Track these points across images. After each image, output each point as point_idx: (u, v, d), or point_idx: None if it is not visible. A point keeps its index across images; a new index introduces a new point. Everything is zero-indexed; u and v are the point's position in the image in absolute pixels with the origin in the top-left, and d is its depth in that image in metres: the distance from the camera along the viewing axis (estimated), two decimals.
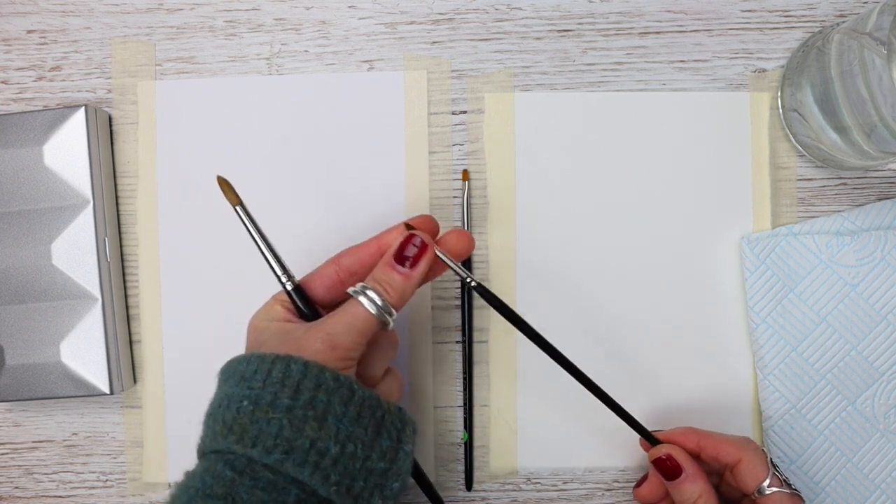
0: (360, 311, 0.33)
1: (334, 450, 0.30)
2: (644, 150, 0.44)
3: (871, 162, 0.40)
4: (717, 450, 0.38)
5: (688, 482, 0.37)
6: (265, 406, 0.30)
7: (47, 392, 0.42)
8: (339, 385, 0.31)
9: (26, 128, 0.42)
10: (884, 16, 0.34)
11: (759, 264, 0.42)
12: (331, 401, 0.31)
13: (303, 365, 0.31)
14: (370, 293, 0.34)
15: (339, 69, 0.44)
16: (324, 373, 0.31)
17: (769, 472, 0.37)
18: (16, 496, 0.45)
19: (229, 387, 0.32)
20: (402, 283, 0.34)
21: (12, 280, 0.42)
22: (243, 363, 0.32)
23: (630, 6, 0.44)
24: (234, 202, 0.35)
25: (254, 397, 0.31)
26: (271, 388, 0.31)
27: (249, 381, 0.31)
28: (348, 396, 0.32)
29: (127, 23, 0.45)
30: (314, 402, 0.31)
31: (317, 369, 0.31)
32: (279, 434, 0.30)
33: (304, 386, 0.31)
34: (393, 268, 0.35)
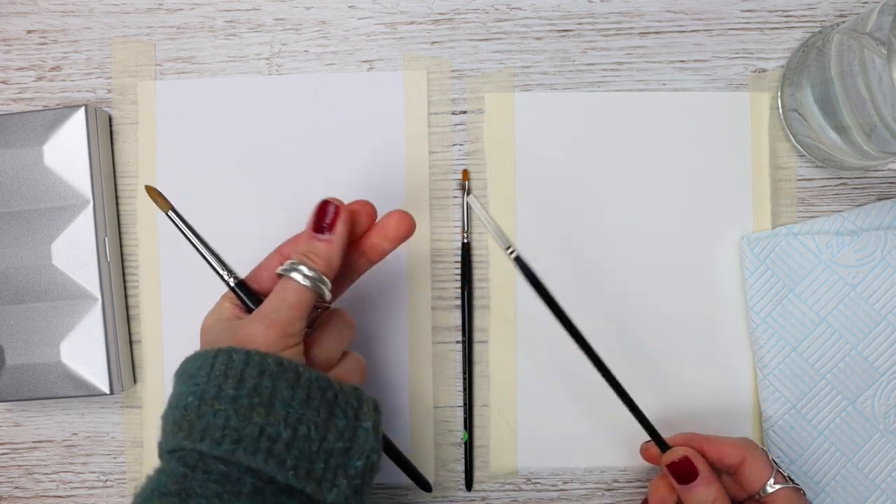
0: (290, 284, 0.33)
1: (286, 434, 0.30)
2: (644, 150, 0.44)
3: (871, 162, 0.40)
4: (720, 452, 0.38)
5: (701, 485, 0.36)
6: (210, 399, 0.30)
7: (47, 392, 0.42)
8: (284, 369, 0.31)
9: (26, 128, 0.42)
10: (884, 16, 0.34)
11: (759, 264, 0.42)
12: (276, 385, 0.31)
13: (244, 354, 0.31)
14: (297, 266, 0.34)
15: (339, 69, 0.44)
16: (266, 359, 0.31)
17: (773, 470, 0.37)
18: (16, 496, 0.45)
19: (178, 387, 0.32)
20: (326, 249, 0.34)
21: (12, 280, 0.42)
22: (190, 362, 0.33)
23: (630, 6, 0.44)
24: (165, 208, 0.36)
25: (199, 392, 0.31)
26: (215, 381, 0.31)
27: (195, 378, 0.31)
28: (294, 380, 0.31)
29: (127, 23, 0.45)
30: (259, 389, 0.31)
31: (258, 356, 0.31)
32: (226, 425, 0.30)
33: (248, 374, 0.31)
34: (312, 237, 0.35)
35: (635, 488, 0.44)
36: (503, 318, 0.44)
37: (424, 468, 0.44)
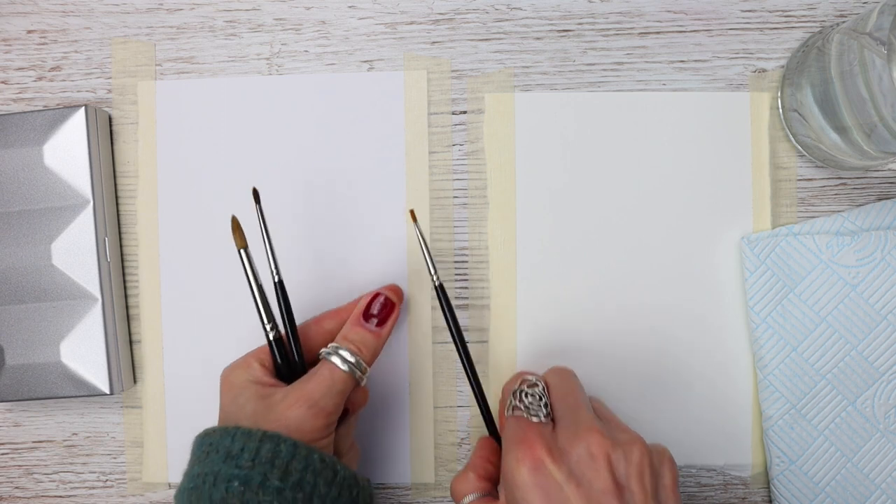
0: (338, 372, 0.34)
1: None
2: (644, 150, 0.44)
3: (871, 162, 0.40)
4: None
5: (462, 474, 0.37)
6: (255, 487, 0.31)
7: (47, 392, 0.42)
8: (325, 466, 0.32)
9: (26, 128, 0.42)
10: (884, 16, 0.34)
11: (759, 264, 0.42)
12: (317, 482, 0.32)
13: (292, 445, 0.32)
14: (343, 353, 0.35)
15: (339, 69, 0.44)
16: (312, 454, 0.32)
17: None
18: (16, 496, 0.45)
19: (213, 463, 0.32)
20: (374, 341, 0.36)
21: (12, 280, 0.42)
22: (227, 438, 0.32)
23: (630, 6, 0.44)
24: (240, 245, 0.37)
25: (244, 477, 0.31)
26: (261, 468, 0.31)
27: (237, 459, 0.31)
28: (331, 477, 0.33)
29: (127, 23, 0.45)
30: (302, 484, 0.31)
31: (305, 450, 0.32)
32: None
33: (293, 467, 0.31)
34: (362, 326, 0.36)
35: None
36: (503, 318, 0.44)
37: (424, 468, 0.44)
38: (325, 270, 0.44)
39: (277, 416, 0.33)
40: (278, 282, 0.37)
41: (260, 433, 0.32)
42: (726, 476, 0.44)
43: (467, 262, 0.44)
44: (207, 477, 0.32)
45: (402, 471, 0.44)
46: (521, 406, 0.35)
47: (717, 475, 0.44)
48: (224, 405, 0.36)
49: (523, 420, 0.34)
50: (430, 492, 0.44)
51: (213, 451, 0.32)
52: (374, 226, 0.44)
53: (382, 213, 0.44)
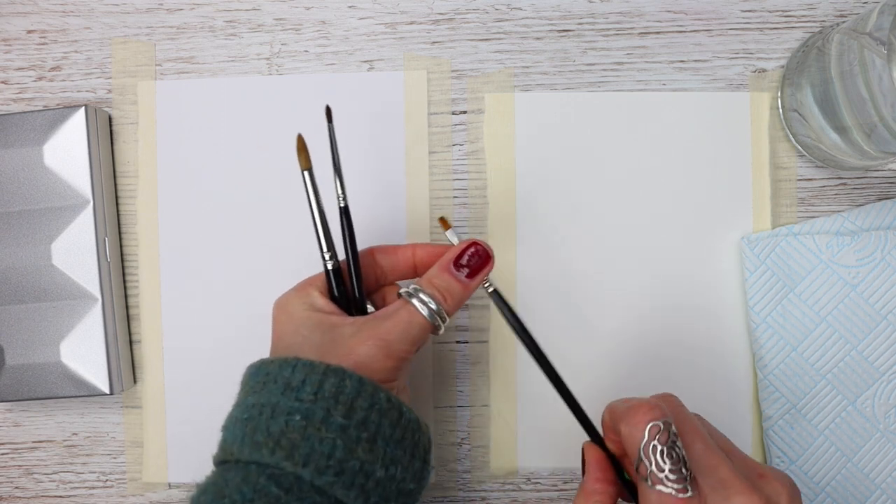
0: (418, 317, 0.32)
1: (380, 472, 0.30)
2: (644, 150, 0.44)
3: (871, 162, 0.40)
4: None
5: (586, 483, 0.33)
6: (318, 422, 0.29)
7: (47, 392, 0.42)
8: (391, 406, 0.30)
9: (26, 128, 0.42)
10: (884, 16, 0.34)
11: (759, 264, 0.42)
12: (381, 422, 0.30)
13: (357, 381, 0.30)
14: (424, 297, 0.32)
15: (339, 69, 0.44)
16: (378, 393, 0.30)
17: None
18: (16, 496, 0.45)
19: (271, 393, 0.30)
20: (461, 291, 0.33)
21: (12, 280, 0.42)
22: (287, 368, 0.30)
23: (630, 6, 0.44)
24: (304, 166, 0.34)
25: (305, 411, 0.29)
26: (323, 402, 0.29)
27: (298, 392, 0.29)
28: (397, 418, 0.31)
29: (127, 23, 0.45)
30: (367, 423, 0.30)
31: (371, 387, 0.30)
32: (332, 454, 0.29)
33: (359, 405, 0.30)
34: (452, 274, 0.33)
35: None
36: (503, 319, 0.44)
37: None
38: None
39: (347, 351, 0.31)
40: (343, 208, 0.35)
41: (323, 366, 0.30)
42: None
43: None
44: (265, 408, 0.30)
45: None
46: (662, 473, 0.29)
47: None
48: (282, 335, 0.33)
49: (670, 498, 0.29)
50: (430, 492, 0.44)
51: (272, 381, 0.30)
52: (374, 226, 0.44)
53: (382, 213, 0.44)
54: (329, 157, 0.36)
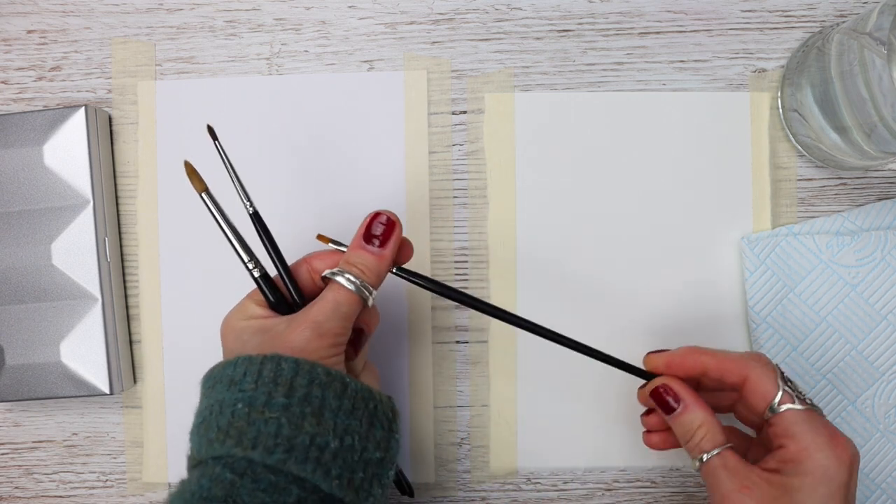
0: (343, 293, 0.33)
1: (334, 444, 0.30)
2: (644, 150, 0.44)
3: (871, 162, 0.40)
4: (721, 370, 0.35)
5: (685, 413, 0.34)
6: (260, 406, 0.30)
7: (47, 392, 0.42)
8: (332, 379, 0.31)
9: (26, 128, 0.42)
10: (884, 16, 0.34)
11: (759, 264, 0.42)
12: (325, 395, 0.31)
13: (293, 362, 0.31)
14: (347, 275, 0.33)
15: (339, 69, 0.44)
16: (315, 368, 0.31)
17: (779, 389, 0.33)
18: (16, 496, 0.45)
19: (218, 393, 0.31)
20: (376, 263, 0.34)
21: (12, 280, 0.42)
22: (230, 367, 0.32)
23: (630, 6, 0.44)
24: (199, 189, 0.35)
25: (247, 399, 0.30)
26: (264, 387, 0.30)
27: (240, 384, 0.31)
28: (341, 389, 0.31)
29: (127, 23, 0.45)
30: (310, 398, 0.30)
31: (308, 365, 0.31)
32: (278, 433, 0.30)
33: (298, 383, 0.30)
34: (364, 248, 0.34)
35: (635, 488, 0.44)
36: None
37: (424, 468, 0.44)
38: None
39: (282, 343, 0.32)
40: (253, 213, 0.36)
41: (261, 357, 0.31)
42: None
43: (467, 262, 0.44)
44: (213, 407, 0.31)
45: None
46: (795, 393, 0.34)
47: None
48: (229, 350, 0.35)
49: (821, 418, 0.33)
50: (430, 492, 0.44)
51: (218, 382, 0.32)
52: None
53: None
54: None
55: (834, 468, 0.32)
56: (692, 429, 0.34)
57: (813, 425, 0.33)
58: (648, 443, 0.38)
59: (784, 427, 0.33)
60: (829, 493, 0.31)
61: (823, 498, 0.31)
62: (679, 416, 0.35)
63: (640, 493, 0.44)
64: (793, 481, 0.32)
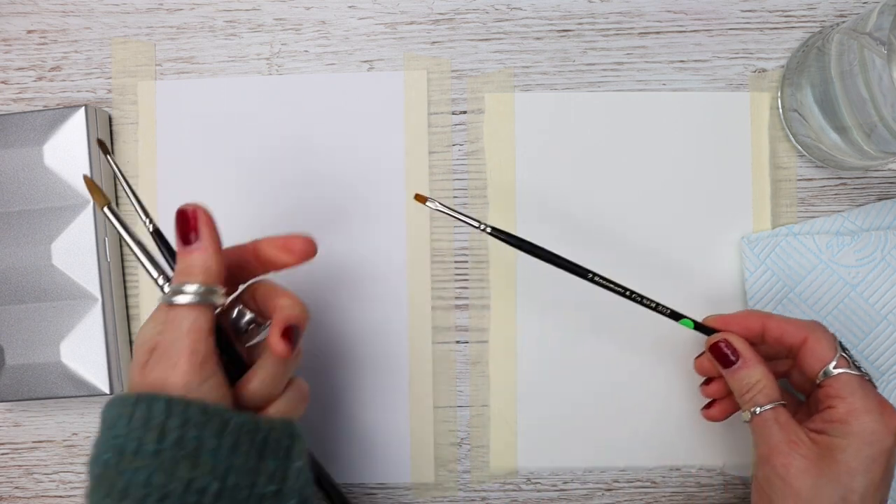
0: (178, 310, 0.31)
1: (214, 486, 0.29)
2: (644, 150, 0.44)
3: (871, 162, 0.40)
4: (781, 330, 0.36)
5: (744, 368, 0.35)
6: (129, 454, 0.28)
7: (47, 392, 0.42)
8: (209, 417, 0.29)
9: (26, 128, 0.42)
10: (884, 16, 0.34)
11: (759, 264, 0.42)
12: (202, 435, 0.29)
13: (164, 402, 0.29)
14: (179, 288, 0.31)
15: (339, 69, 0.44)
16: (189, 407, 0.29)
17: (836, 354, 0.34)
18: (16, 496, 0.45)
19: (99, 435, 0.30)
20: (201, 257, 0.32)
21: (12, 280, 0.42)
22: (109, 410, 0.30)
23: (630, 6, 0.44)
24: (102, 203, 0.34)
25: (119, 446, 0.29)
26: (135, 433, 0.29)
27: (114, 429, 0.29)
28: (220, 427, 0.29)
29: (127, 23, 0.45)
30: (183, 442, 0.29)
31: (181, 405, 0.29)
32: (148, 482, 0.28)
33: (170, 425, 0.29)
34: (182, 251, 0.32)
35: (635, 488, 0.44)
36: (503, 318, 0.44)
37: (424, 468, 0.44)
38: (324, 269, 0.44)
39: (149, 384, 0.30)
40: (154, 231, 0.35)
41: (134, 397, 0.29)
42: (726, 476, 0.44)
43: (467, 262, 0.44)
44: (92, 452, 0.30)
45: (401, 471, 0.44)
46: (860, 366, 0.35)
47: (717, 475, 0.44)
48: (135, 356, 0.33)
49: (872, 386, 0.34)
50: (430, 492, 0.44)
51: (102, 425, 0.30)
52: (374, 225, 0.44)
53: (382, 212, 0.44)
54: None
55: (881, 432, 0.32)
56: (750, 383, 0.35)
57: (864, 391, 0.33)
58: (708, 416, 0.39)
59: (836, 389, 0.34)
60: (872, 455, 0.32)
61: (867, 461, 0.32)
62: (738, 371, 0.36)
63: (640, 493, 0.44)
64: (839, 442, 0.33)
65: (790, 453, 0.33)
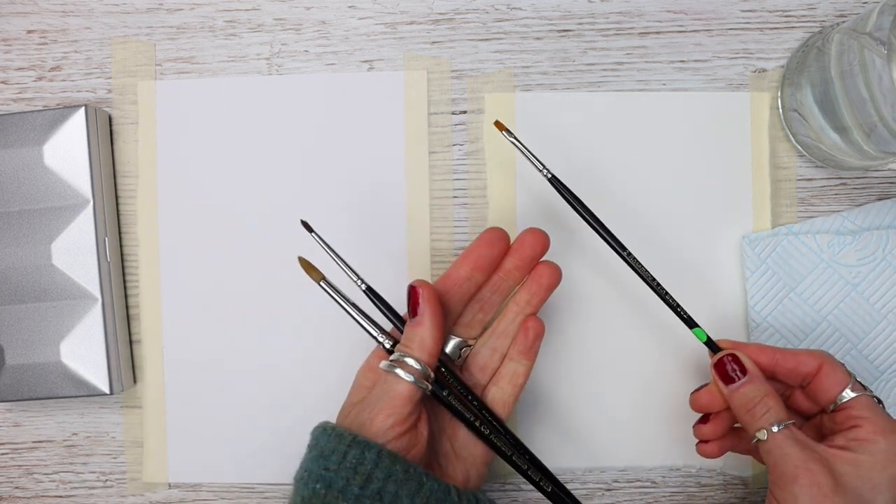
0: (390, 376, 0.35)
1: None
2: (644, 150, 0.44)
3: (871, 162, 0.40)
4: (795, 360, 0.36)
5: (750, 383, 0.35)
6: (336, 491, 0.32)
7: (47, 392, 0.42)
8: (409, 477, 0.33)
9: (26, 128, 0.42)
10: (884, 16, 0.34)
11: (759, 264, 0.42)
12: (398, 493, 0.33)
13: (376, 454, 0.33)
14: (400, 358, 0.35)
15: (339, 69, 0.44)
16: (395, 464, 0.33)
17: (852, 379, 0.35)
18: (16, 496, 0.45)
19: (311, 460, 0.34)
20: (417, 331, 0.36)
21: (12, 280, 0.42)
22: (324, 437, 0.34)
23: (630, 6, 0.44)
24: (318, 278, 0.37)
25: (328, 480, 0.33)
26: (344, 472, 0.33)
27: (328, 461, 0.33)
28: (415, 489, 0.33)
29: (127, 23, 0.45)
30: (382, 493, 0.32)
31: (389, 460, 0.33)
32: None
33: (375, 476, 0.32)
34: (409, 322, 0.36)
35: (635, 488, 0.44)
36: None
37: None
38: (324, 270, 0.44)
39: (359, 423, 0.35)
40: (367, 289, 0.38)
41: (350, 437, 0.33)
42: (726, 476, 0.44)
43: None
44: (304, 472, 0.34)
45: None
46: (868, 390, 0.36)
47: (717, 475, 0.44)
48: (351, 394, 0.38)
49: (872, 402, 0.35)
50: None
51: (314, 447, 0.34)
52: (373, 226, 0.44)
53: (382, 212, 0.44)
54: None
55: None
56: (755, 400, 0.35)
57: (885, 413, 0.35)
58: (703, 452, 0.39)
59: (858, 410, 0.34)
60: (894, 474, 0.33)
61: (892, 476, 0.33)
62: (743, 386, 0.35)
63: (640, 493, 0.44)
64: (864, 458, 0.33)
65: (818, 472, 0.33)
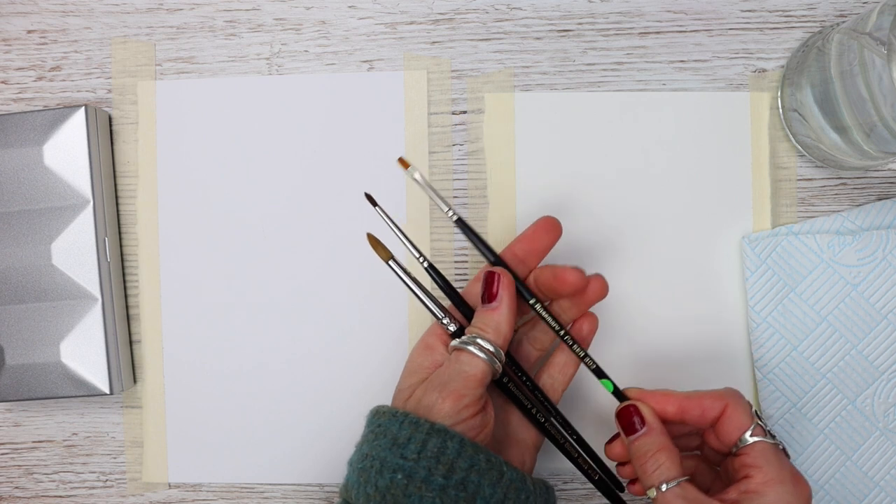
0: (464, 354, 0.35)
1: None
2: (644, 150, 0.44)
3: (871, 162, 0.40)
4: (700, 405, 0.35)
5: (647, 435, 0.34)
6: (419, 481, 0.31)
7: (47, 392, 0.42)
8: (490, 466, 0.33)
9: (26, 128, 0.42)
10: (884, 16, 0.34)
11: (759, 264, 0.42)
12: (481, 482, 0.32)
13: (458, 443, 0.32)
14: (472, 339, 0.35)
15: (339, 69, 0.44)
16: (478, 454, 0.32)
17: (752, 422, 0.34)
18: (16, 496, 0.45)
19: (381, 447, 0.33)
20: (494, 316, 0.35)
21: (12, 280, 0.42)
22: (395, 424, 0.33)
23: (630, 6, 0.44)
24: (386, 257, 0.37)
25: (408, 470, 0.32)
26: (426, 462, 0.32)
27: (403, 450, 0.32)
28: (497, 478, 0.33)
29: (127, 23, 0.45)
30: (466, 483, 0.32)
31: (472, 449, 0.32)
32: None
33: (458, 466, 0.32)
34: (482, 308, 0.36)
35: None
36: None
37: None
38: (324, 270, 0.44)
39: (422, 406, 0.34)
40: (429, 266, 0.38)
41: (427, 425, 0.32)
42: None
43: (467, 262, 0.44)
44: (374, 461, 0.33)
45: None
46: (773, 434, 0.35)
47: None
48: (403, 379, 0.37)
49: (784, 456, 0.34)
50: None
51: (382, 434, 0.33)
52: (373, 226, 0.44)
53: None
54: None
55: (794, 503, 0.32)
56: (650, 453, 0.34)
57: (779, 461, 0.33)
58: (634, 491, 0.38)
59: (753, 458, 0.34)
60: None
61: None
62: (640, 439, 0.34)
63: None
64: None
65: None
